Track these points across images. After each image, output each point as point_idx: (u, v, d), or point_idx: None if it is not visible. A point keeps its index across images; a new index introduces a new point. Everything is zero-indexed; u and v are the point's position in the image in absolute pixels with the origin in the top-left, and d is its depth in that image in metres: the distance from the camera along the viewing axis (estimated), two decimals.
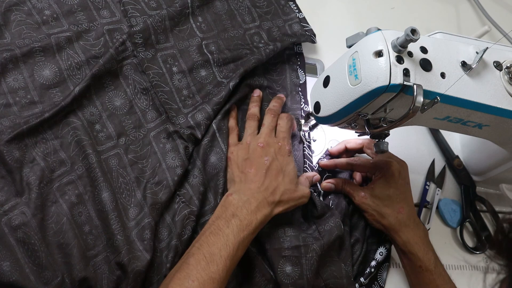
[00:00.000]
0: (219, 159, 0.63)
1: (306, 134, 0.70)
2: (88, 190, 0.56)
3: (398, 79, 0.49)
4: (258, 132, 0.65)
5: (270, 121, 0.65)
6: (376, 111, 0.54)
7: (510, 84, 0.55)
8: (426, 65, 0.51)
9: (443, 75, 0.52)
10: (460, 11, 1.00)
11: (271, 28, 0.75)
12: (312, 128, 0.70)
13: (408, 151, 0.74)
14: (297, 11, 0.79)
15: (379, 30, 0.52)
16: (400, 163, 0.67)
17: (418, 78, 0.50)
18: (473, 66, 0.53)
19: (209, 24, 0.71)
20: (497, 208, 0.80)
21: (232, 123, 0.66)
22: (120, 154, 0.60)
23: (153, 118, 0.63)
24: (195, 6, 0.70)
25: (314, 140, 0.71)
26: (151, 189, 0.59)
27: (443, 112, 0.55)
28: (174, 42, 0.67)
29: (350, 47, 0.55)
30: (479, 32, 0.77)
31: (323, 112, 0.59)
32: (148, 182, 0.60)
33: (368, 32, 0.53)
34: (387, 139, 0.60)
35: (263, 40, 0.73)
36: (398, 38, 0.49)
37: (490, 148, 0.73)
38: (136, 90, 0.63)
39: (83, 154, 0.57)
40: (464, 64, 0.53)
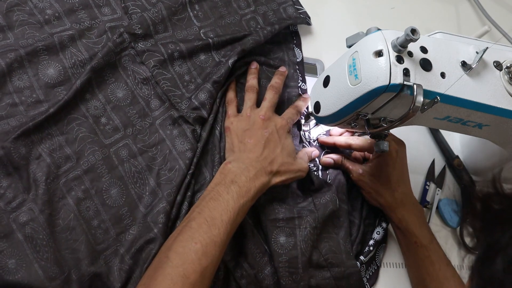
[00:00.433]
0: (213, 136, 0.64)
1: (306, 134, 0.71)
2: (95, 185, 0.57)
3: (398, 79, 0.49)
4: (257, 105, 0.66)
5: (272, 96, 0.66)
6: (376, 111, 0.54)
7: (510, 84, 0.56)
8: (426, 65, 0.51)
9: (443, 75, 0.52)
10: (460, 11, 1.00)
11: (266, 12, 0.76)
12: (312, 128, 0.70)
13: (408, 151, 0.74)
14: None
15: (379, 30, 0.52)
16: (398, 142, 0.68)
17: (418, 78, 0.50)
18: (473, 66, 0.53)
19: (205, 12, 0.72)
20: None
21: (231, 94, 0.68)
22: (129, 144, 0.61)
23: (156, 106, 0.64)
24: None
25: (314, 140, 0.71)
26: (164, 175, 0.61)
27: (443, 112, 0.55)
28: (173, 32, 0.67)
29: (350, 47, 0.55)
30: (479, 32, 0.77)
31: (323, 112, 0.59)
32: (161, 169, 0.61)
33: (368, 32, 0.53)
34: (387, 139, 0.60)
35: (259, 25, 0.75)
36: (398, 38, 0.49)
37: (490, 148, 0.73)
38: (136, 81, 0.63)
39: (88, 150, 0.58)
40: (464, 64, 0.53)
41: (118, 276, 0.54)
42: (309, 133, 0.71)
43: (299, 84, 0.74)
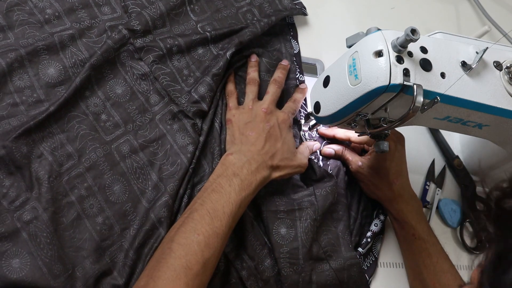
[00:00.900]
0: (215, 129, 0.65)
1: (306, 134, 0.71)
2: (98, 182, 0.57)
3: (398, 79, 0.49)
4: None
5: (275, 90, 0.66)
6: (376, 111, 0.54)
7: (510, 84, 0.56)
8: (426, 65, 0.51)
9: (443, 75, 0.52)
10: (460, 11, 1.00)
11: (262, 4, 0.77)
12: (311, 128, 0.70)
13: (408, 151, 0.74)
14: None
15: (379, 30, 0.52)
16: (397, 136, 0.68)
17: (418, 78, 0.50)
18: (473, 66, 0.53)
19: (202, 6, 0.72)
20: None
21: (231, 87, 0.67)
22: (130, 140, 0.61)
23: (156, 101, 0.64)
24: None
25: (314, 140, 0.71)
26: (167, 170, 0.61)
27: (443, 112, 0.55)
28: (171, 28, 0.68)
29: (350, 47, 0.55)
30: (479, 32, 0.77)
31: (323, 112, 0.59)
32: (163, 164, 0.61)
33: (368, 32, 0.53)
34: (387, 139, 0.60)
35: (256, 17, 0.75)
36: (398, 38, 0.49)
37: (490, 148, 0.73)
38: (135, 77, 0.64)
39: (90, 147, 0.58)
40: (464, 64, 0.53)
41: (122, 271, 0.54)
42: (309, 133, 0.71)
43: (297, 76, 0.74)
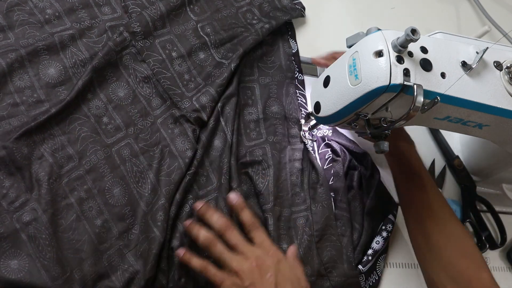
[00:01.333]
0: (222, 142, 0.64)
1: (306, 134, 0.71)
2: (97, 184, 0.57)
3: (398, 79, 0.49)
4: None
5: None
6: (376, 111, 0.54)
7: (510, 84, 0.56)
8: (426, 65, 0.51)
9: (443, 75, 0.52)
10: (460, 11, 1.00)
11: (262, 3, 0.77)
12: (312, 128, 0.70)
13: None
14: None
15: (379, 30, 0.52)
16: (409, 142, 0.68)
17: (418, 78, 0.50)
18: (473, 66, 0.53)
19: (202, 6, 0.72)
20: (497, 208, 0.80)
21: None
22: (131, 144, 0.61)
23: (158, 105, 0.64)
24: None
25: (314, 140, 0.71)
26: (163, 171, 0.60)
27: (443, 112, 0.55)
28: (171, 28, 0.67)
29: (350, 47, 0.55)
30: (479, 32, 0.77)
31: (323, 112, 0.59)
32: (160, 165, 0.61)
33: (368, 32, 0.53)
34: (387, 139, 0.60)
35: (256, 17, 0.75)
36: (398, 38, 0.49)
37: (490, 148, 0.73)
38: (137, 80, 0.63)
39: (90, 150, 0.58)
40: (464, 64, 0.53)
41: (121, 276, 0.54)
42: (309, 133, 0.71)
43: (296, 75, 0.74)
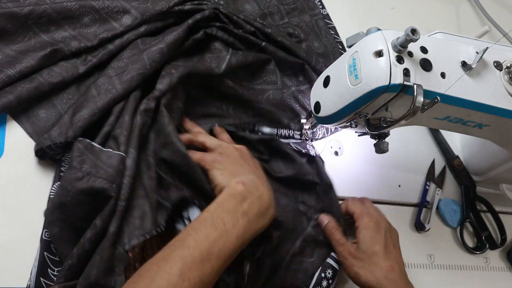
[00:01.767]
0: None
1: (308, 133, 0.70)
2: None
3: (398, 79, 0.49)
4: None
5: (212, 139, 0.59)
6: (376, 111, 0.54)
7: (510, 84, 0.56)
8: (426, 65, 0.51)
9: (443, 75, 0.52)
10: (460, 11, 1.00)
11: (299, 24, 0.78)
12: (312, 127, 0.70)
13: (408, 151, 0.74)
14: (320, 6, 0.82)
15: (379, 30, 0.52)
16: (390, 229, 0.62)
17: (418, 78, 0.50)
18: (473, 66, 0.53)
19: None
20: (497, 208, 0.80)
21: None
22: None
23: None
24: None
25: (316, 139, 0.71)
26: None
27: (443, 112, 0.55)
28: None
29: (350, 47, 0.55)
30: (479, 32, 0.77)
31: (323, 112, 0.59)
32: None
33: (368, 32, 0.53)
34: (387, 139, 0.60)
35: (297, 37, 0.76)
36: (398, 38, 0.49)
37: (490, 148, 0.73)
38: None
39: None
40: (464, 64, 0.53)
41: None
42: (310, 131, 0.70)
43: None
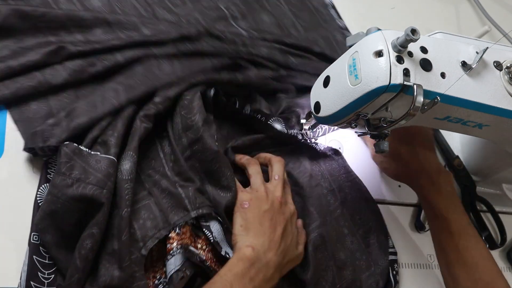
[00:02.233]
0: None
1: (308, 133, 0.70)
2: None
3: (398, 79, 0.49)
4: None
5: (282, 171, 0.61)
6: (376, 111, 0.54)
7: (510, 84, 0.55)
8: (426, 65, 0.51)
9: (443, 75, 0.52)
10: (460, 11, 1.00)
11: (317, 38, 0.78)
12: (312, 127, 0.70)
13: None
14: (336, 18, 0.83)
15: (379, 30, 0.52)
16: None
17: (418, 78, 0.50)
18: (473, 66, 0.53)
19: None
20: (497, 208, 0.80)
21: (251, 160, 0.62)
22: None
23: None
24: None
25: (315, 140, 0.71)
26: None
27: (443, 112, 0.55)
28: None
29: (350, 47, 0.55)
30: (479, 32, 0.77)
31: (323, 112, 0.59)
32: None
33: (368, 32, 0.53)
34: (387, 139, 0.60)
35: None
36: (398, 38, 0.49)
37: (490, 148, 0.73)
38: None
39: None
40: (464, 64, 0.53)
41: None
42: (310, 131, 0.70)
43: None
